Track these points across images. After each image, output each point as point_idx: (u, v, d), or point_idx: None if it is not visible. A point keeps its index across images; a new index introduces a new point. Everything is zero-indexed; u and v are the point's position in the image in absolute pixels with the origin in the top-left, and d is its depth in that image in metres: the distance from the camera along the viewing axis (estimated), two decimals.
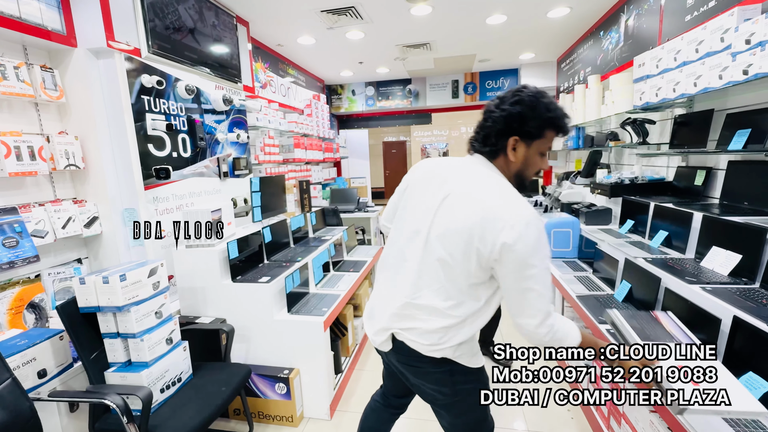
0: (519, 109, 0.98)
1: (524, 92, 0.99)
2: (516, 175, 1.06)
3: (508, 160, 1.04)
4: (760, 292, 1.34)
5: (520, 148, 1.01)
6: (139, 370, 1.49)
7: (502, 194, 1.00)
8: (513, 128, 1.00)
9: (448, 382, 1.12)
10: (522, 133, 1.00)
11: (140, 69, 2.03)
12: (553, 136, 1.03)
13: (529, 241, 0.93)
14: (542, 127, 0.99)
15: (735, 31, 1.60)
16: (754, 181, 1.76)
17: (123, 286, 1.45)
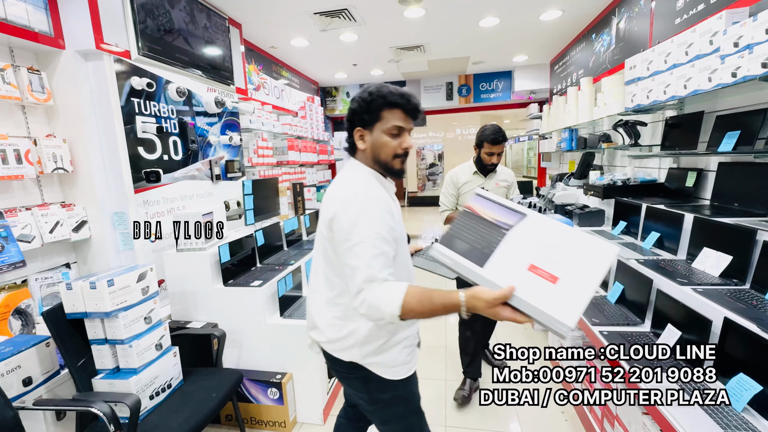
0: (354, 105, 1.09)
1: (363, 89, 1.09)
2: (375, 161, 1.11)
3: (362, 151, 1.12)
4: (750, 293, 1.34)
5: (366, 135, 1.09)
6: (128, 376, 1.46)
7: (343, 179, 1.10)
8: (354, 122, 1.10)
9: (363, 390, 1.14)
10: (361, 123, 1.08)
11: (130, 71, 2.00)
12: (398, 115, 1.06)
13: (348, 215, 0.98)
14: (374, 111, 1.06)
15: (723, 34, 1.61)
16: (743, 182, 1.78)
17: (111, 291, 1.43)
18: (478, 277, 0.86)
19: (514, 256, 0.86)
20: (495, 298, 0.82)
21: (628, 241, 2.23)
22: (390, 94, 1.05)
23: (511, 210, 0.93)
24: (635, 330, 1.61)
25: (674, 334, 1.41)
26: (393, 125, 1.06)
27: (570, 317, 0.75)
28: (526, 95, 5.47)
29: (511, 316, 0.82)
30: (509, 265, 0.85)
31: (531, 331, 3.09)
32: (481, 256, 0.89)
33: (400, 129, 1.07)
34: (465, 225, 0.96)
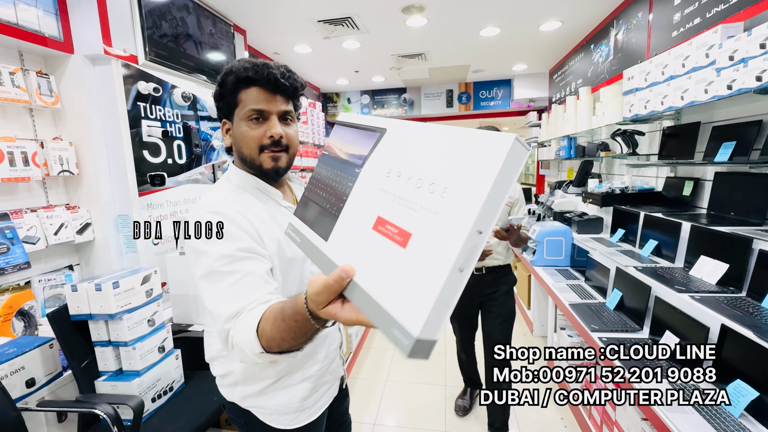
0: (213, 92, 0.88)
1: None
2: (240, 159, 0.87)
3: (228, 147, 0.90)
4: (746, 301, 1.37)
5: (231, 128, 0.86)
6: (131, 379, 1.47)
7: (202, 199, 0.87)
8: (219, 116, 0.88)
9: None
10: (222, 112, 0.86)
11: (137, 76, 2.03)
12: (255, 95, 0.81)
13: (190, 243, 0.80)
14: (230, 93, 0.82)
15: (719, 48, 1.65)
16: (739, 191, 1.81)
17: (116, 293, 1.44)
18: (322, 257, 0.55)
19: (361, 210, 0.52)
20: (319, 291, 0.50)
21: (626, 248, 2.26)
22: (241, 68, 0.80)
23: (368, 130, 0.58)
24: (634, 336, 1.63)
25: (672, 341, 1.43)
26: (250, 109, 0.81)
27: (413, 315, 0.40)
28: (525, 103, 5.53)
29: (355, 317, 0.48)
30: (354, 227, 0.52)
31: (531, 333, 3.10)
32: (327, 222, 0.57)
33: (260, 112, 0.81)
34: (320, 176, 0.65)
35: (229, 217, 0.78)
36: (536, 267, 2.77)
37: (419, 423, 2.06)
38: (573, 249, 2.71)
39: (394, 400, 2.28)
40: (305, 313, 0.55)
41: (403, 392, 2.35)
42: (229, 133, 0.88)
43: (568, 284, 2.35)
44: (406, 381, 2.47)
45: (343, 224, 0.54)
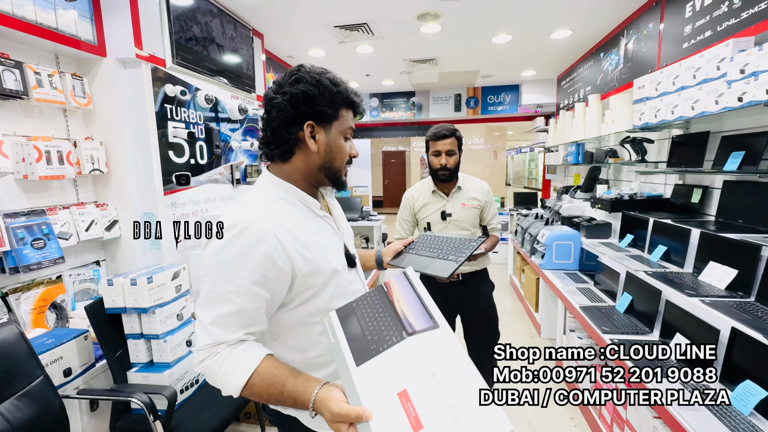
0: (302, 87, 0.82)
1: (301, 72, 0.84)
2: (323, 168, 0.87)
3: (309, 152, 0.85)
4: (755, 305, 1.42)
5: (320, 134, 0.84)
6: (162, 370, 1.53)
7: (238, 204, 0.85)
8: (303, 111, 0.82)
9: None
10: (315, 116, 0.83)
11: (164, 79, 2.10)
12: (351, 116, 0.89)
13: (207, 252, 0.77)
14: (335, 105, 0.84)
15: (730, 61, 1.71)
16: (748, 200, 1.87)
17: (150, 288, 1.51)
18: (347, 374, 0.65)
19: (396, 370, 0.64)
20: (341, 413, 0.62)
21: (635, 253, 2.32)
22: (352, 91, 0.87)
23: (427, 312, 0.70)
24: (644, 338, 1.68)
25: (683, 343, 1.48)
26: (349, 127, 0.88)
27: None
28: (532, 108, 5.59)
29: None
30: (385, 379, 0.63)
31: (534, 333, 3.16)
32: (365, 351, 0.68)
33: (352, 131, 0.90)
34: (370, 304, 0.76)
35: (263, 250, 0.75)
36: (545, 270, 2.82)
37: None
38: (582, 253, 2.77)
39: None
40: (308, 408, 0.69)
41: None
42: (315, 137, 0.84)
43: (578, 287, 2.40)
44: None
45: (376, 367, 0.65)
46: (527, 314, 3.65)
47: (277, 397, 0.72)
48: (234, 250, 0.74)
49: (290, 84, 0.83)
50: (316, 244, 0.84)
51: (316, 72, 0.85)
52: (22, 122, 1.70)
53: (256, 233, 0.75)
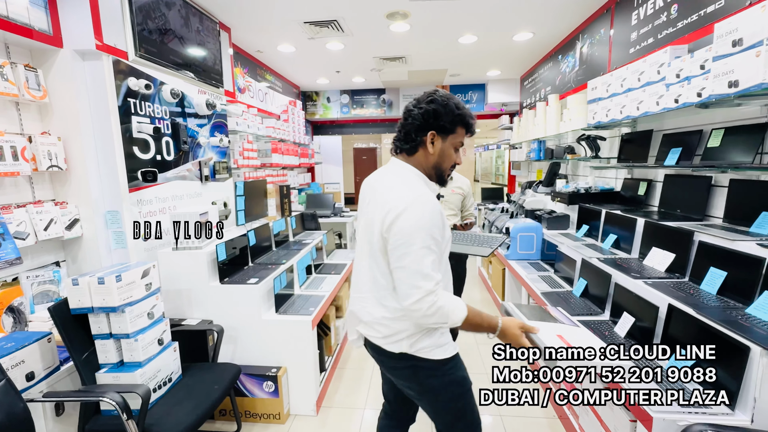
0: (434, 107, 1.12)
1: (437, 94, 1.15)
2: (434, 167, 1.18)
3: (427, 153, 1.15)
4: (689, 285, 1.61)
5: (437, 141, 1.14)
6: (133, 369, 1.51)
7: (397, 182, 1.13)
8: (430, 123, 1.13)
9: (413, 378, 1.16)
10: (437, 128, 1.13)
11: (127, 72, 2.03)
12: (464, 133, 1.17)
13: (409, 219, 1.03)
14: (454, 123, 1.13)
15: (668, 66, 1.90)
16: (684, 191, 2.08)
17: (119, 286, 1.48)
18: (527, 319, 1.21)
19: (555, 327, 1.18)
20: (524, 326, 1.11)
21: (590, 242, 2.51)
22: (469, 115, 1.16)
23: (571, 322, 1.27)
24: (597, 319, 1.84)
25: (629, 321, 1.65)
26: (460, 141, 1.18)
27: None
28: (498, 107, 5.82)
29: (524, 341, 1.09)
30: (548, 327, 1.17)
31: None
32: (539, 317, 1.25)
33: (462, 145, 1.20)
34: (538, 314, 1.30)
35: (438, 211, 1.08)
36: (510, 260, 2.98)
37: None
38: (543, 244, 2.95)
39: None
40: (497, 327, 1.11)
41: None
42: (434, 143, 1.15)
43: (540, 275, 2.57)
44: None
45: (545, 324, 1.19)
46: (495, 304, 3.83)
47: (479, 323, 1.09)
48: (428, 214, 1.04)
49: (426, 102, 1.13)
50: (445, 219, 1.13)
51: (446, 96, 1.15)
52: None
53: (433, 202, 1.07)
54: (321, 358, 2.34)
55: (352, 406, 2.22)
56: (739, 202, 1.72)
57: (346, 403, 2.25)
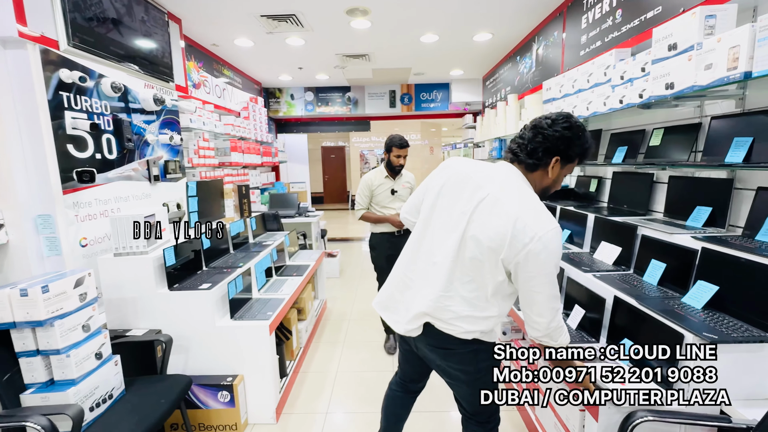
0: (569, 134, 1.12)
1: (572, 120, 1.14)
2: (544, 189, 1.21)
3: (545, 175, 1.17)
4: (633, 276, 1.69)
5: (557, 167, 1.16)
6: (65, 388, 1.38)
7: (532, 206, 1.10)
8: (559, 149, 1.13)
9: (472, 361, 1.22)
10: (564, 155, 1.14)
11: (59, 63, 1.86)
12: (575, 164, 1.20)
13: (551, 251, 1.06)
14: (579, 154, 1.16)
15: (613, 68, 1.99)
16: (630, 188, 2.19)
17: (45, 298, 1.34)
18: None
19: None
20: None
21: None
22: (590, 148, 1.18)
23: None
24: None
25: (579, 313, 1.71)
26: (568, 171, 1.20)
27: None
28: (462, 106, 5.92)
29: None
30: None
31: None
32: None
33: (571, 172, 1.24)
34: None
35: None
36: None
37: (370, 407, 2.17)
38: None
39: (346, 389, 2.37)
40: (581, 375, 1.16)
41: (354, 381, 2.45)
42: (554, 168, 1.16)
43: None
44: (357, 370, 2.57)
45: None
46: None
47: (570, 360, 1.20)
48: (558, 240, 1.07)
49: (562, 127, 1.13)
50: None
51: (581, 127, 1.15)
52: None
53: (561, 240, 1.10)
54: (282, 364, 2.27)
55: (314, 411, 2.16)
56: (677, 198, 1.83)
57: (308, 408, 2.19)
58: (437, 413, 2.12)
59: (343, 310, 3.66)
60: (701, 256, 1.42)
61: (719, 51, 1.32)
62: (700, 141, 1.73)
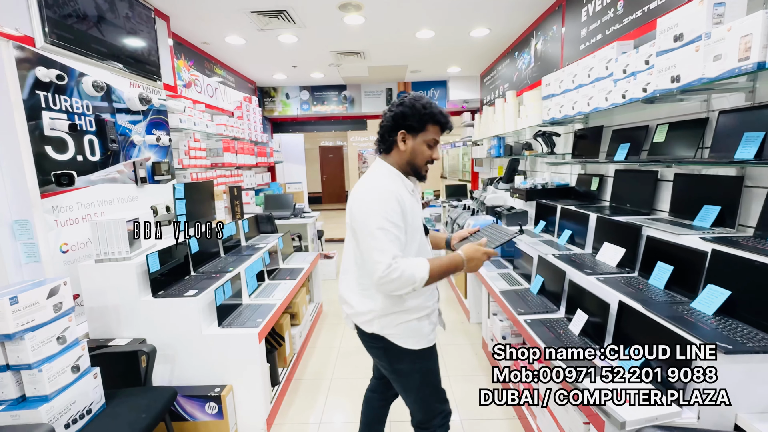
0: (402, 109, 1.24)
1: (406, 97, 1.26)
2: (408, 164, 1.29)
3: (400, 151, 1.27)
4: (638, 279, 1.61)
5: (408, 140, 1.26)
6: (37, 405, 1.30)
7: (366, 178, 1.28)
8: (399, 123, 1.24)
9: (384, 358, 1.31)
10: (407, 128, 1.24)
11: (34, 60, 1.78)
12: (437, 130, 1.27)
13: (363, 205, 1.18)
14: (422, 122, 1.23)
15: (615, 62, 1.91)
16: (633, 186, 2.11)
17: (14, 310, 1.26)
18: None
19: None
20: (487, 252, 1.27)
21: (546, 238, 2.51)
22: (439, 114, 1.25)
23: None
24: (552, 317, 1.82)
25: (582, 318, 1.63)
26: (432, 138, 1.26)
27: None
28: (459, 104, 5.83)
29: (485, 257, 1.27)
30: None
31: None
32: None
33: (436, 142, 1.27)
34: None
35: (397, 193, 1.20)
36: None
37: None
38: None
39: (340, 396, 2.29)
40: (462, 261, 1.23)
41: (350, 388, 2.37)
42: (405, 141, 1.26)
43: (499, 273, 2.55)
44: (352, 377, 2.50)
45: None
46: (458, 301, 3.82)
47: (447, 268, 1.21)
48: (382, 200, 1.18)
49: (396, 105, 1.26)
50: (412, 209, 1.25)
51: (414, 98, 1.25)
52: None
53: (388, 190, 1.20)
54: (273, 371, 2.19)
55: (306, 421, 2.09)
56: (683, 196, 1.75)
57: (300, 418, 2.12)
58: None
59: (340, 313, 3.58)
60: (711, 258, 1.34)
61: (729, 40, 1.24)
62: (707, 137, 1.65)
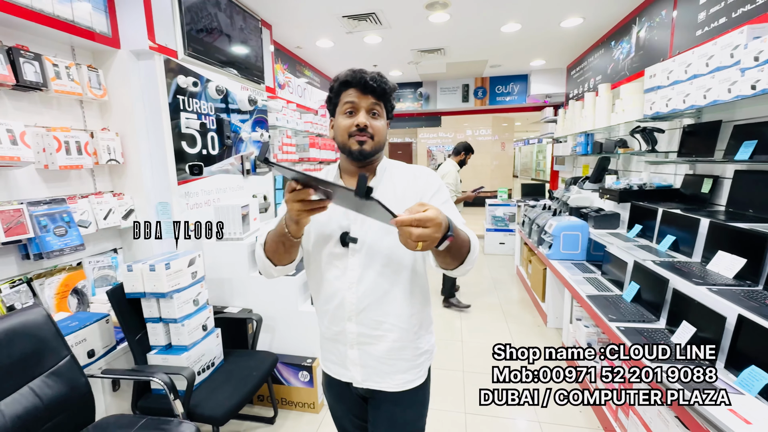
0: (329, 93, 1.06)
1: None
2: (339, 148, 1.05)
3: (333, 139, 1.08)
4: (763, 294, 1.43)
5: (334, 121, 1.04)
6: (180, 353, 1.59)
7: None
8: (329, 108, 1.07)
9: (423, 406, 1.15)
10: (330, 111, 1.06)
11: (177, 70, 2.13)
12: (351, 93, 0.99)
13: None
14: (336, 93, 1.02)
15: (744, 48, 1.69)
16: (759, 190, 1.86)
17: (167, 274, 1.56)
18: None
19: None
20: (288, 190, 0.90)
21: (643, 243, 2.32)
22: (342, 75, 1.00)
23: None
24: (651, 327, 1.70)
25: (689, 330, 1.50)
26: (345, 102, 0.99)
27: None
28: (541, 99, 5.54)
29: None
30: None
31: (538, 331, 3.19)
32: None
33: (352, 105, 0.98)
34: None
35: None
36: (552, 260, 2.84)
37: (440, 405, 2.16)
38: (589, 243, 2.77)
39: None
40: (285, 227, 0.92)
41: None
42: (332, 128, 1.05)
43: (585, 277, 2.42)
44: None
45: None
46: (534, 304, 3.68)
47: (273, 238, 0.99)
48: None
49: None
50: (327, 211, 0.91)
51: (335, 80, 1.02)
52: (41, 113, 1.74)
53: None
54: None
55: None
56: None
57: None
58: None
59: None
60: None
61: None
62: None
